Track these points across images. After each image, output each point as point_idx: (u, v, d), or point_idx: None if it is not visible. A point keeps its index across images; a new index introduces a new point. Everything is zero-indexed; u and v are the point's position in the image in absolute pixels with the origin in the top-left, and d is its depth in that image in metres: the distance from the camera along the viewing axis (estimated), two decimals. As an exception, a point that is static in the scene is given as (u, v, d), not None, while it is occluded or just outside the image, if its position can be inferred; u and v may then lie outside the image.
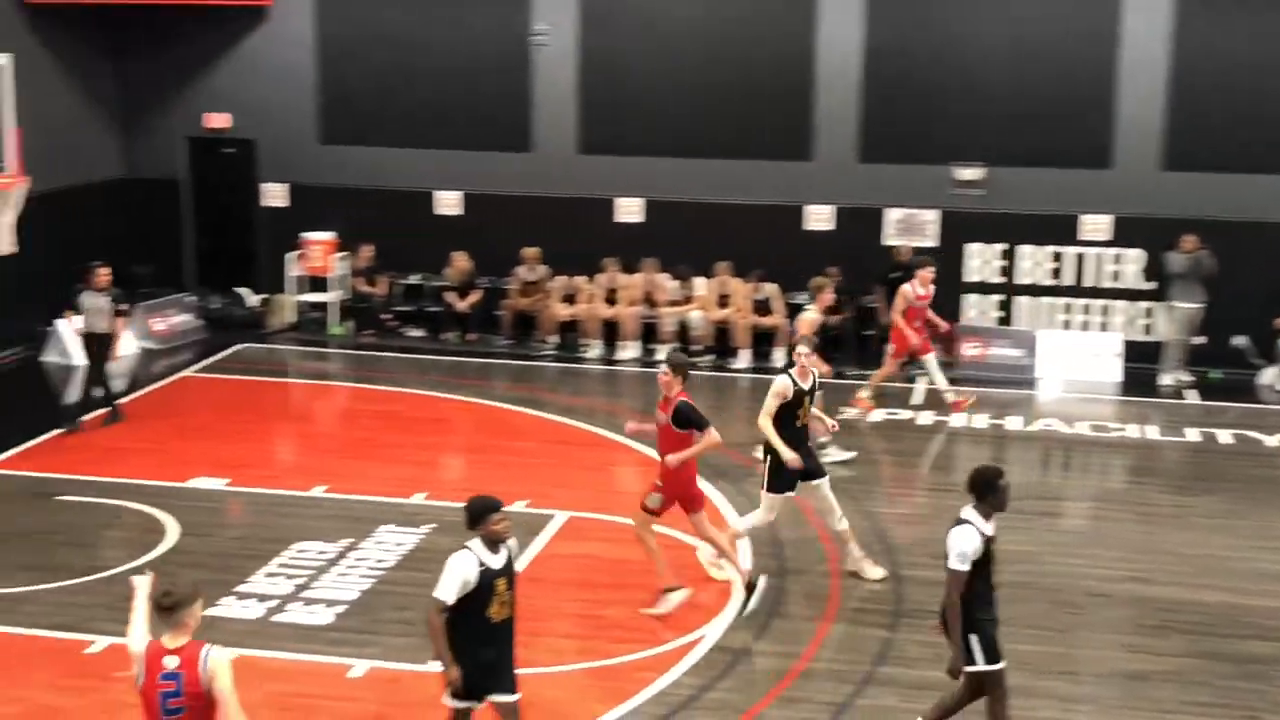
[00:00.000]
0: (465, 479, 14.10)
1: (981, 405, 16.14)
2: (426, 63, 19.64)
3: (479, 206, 19.80)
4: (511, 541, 7.76)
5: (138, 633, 6.59)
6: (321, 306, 19.80)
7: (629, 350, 18.63)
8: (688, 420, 10.18)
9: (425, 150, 19.76)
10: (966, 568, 7.82)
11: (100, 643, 9.94)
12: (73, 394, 16.15)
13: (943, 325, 15.98)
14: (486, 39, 19.44)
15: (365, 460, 14.18)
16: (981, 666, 7.98)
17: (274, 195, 20.40)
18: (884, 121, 18.60)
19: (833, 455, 13.72)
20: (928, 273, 15.40)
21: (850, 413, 15.39)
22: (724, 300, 18.48)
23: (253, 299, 20.31)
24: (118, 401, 15.32)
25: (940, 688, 8.42)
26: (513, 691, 7.82)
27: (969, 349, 18.19)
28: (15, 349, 17.95)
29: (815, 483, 11.02)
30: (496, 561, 7.65)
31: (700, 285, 18.72)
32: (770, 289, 18.39)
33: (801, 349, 11.10)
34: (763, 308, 18.36)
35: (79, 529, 12.22)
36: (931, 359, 15.62)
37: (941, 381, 15.67)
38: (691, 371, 10.63)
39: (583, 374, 18.22)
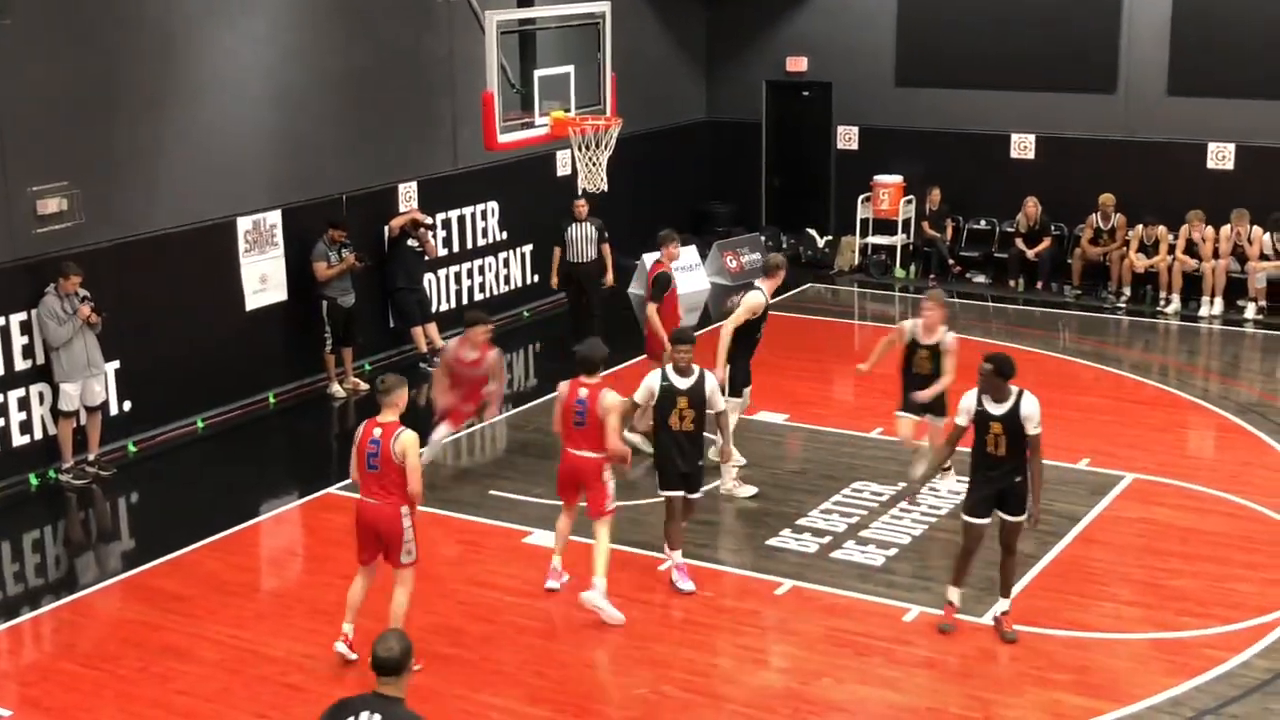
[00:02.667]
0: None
1: None
2: (1009, 2, 19.10)
3: (1053, 150, 19.09)
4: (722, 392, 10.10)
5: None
6: (887, 249, 19.88)
7: (1211, 307, 17.45)
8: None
9: (999, 92, 19.23)
10: (960, 421, 9.31)
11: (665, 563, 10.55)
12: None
13: None
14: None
15: (924, 405, 14.13)
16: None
17: (846, 138, 20.66)
18: None
19: None
20: None
21: None
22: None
23: (820, 240, 20.69)
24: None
25: None
26: (694, 492, 9.92)
27: None
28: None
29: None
30: (682, 383, 9.74)
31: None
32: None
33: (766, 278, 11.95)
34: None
35: (647, 451, 12.97)
36: None
37: None
38: None
39: (1157, 329, 17.24)
